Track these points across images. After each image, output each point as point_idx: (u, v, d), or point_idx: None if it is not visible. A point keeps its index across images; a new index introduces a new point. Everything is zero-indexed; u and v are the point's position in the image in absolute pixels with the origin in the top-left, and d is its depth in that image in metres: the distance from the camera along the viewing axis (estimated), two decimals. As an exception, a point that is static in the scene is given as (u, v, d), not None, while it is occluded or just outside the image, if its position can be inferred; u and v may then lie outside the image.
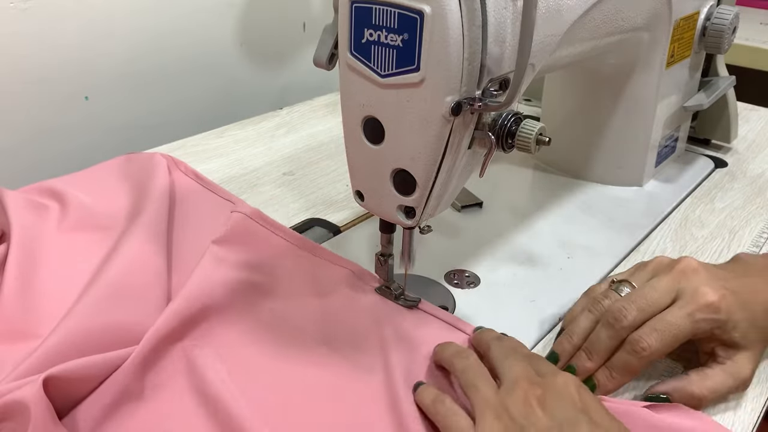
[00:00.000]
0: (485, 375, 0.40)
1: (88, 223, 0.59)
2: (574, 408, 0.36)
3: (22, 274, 0.51)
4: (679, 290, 0.43)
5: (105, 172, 0.68)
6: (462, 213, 0.65)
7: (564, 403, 0.36)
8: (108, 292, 0.48)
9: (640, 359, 0.41)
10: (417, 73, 0.39)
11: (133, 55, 0.82)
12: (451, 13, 0.37)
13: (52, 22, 0.74)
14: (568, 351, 0.45)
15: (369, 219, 0.63)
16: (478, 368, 0.41)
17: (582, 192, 0.69)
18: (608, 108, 0.67)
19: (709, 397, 0.42)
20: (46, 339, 0.42)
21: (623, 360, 0.42)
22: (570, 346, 0.45)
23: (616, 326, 0.42)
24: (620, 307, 0.43)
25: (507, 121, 0.42)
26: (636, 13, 0.57)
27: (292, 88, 1.03)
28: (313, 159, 0.77)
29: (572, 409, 0.36)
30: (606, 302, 0.44)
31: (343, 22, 0.41)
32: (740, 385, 0.43)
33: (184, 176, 0.68)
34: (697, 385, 0.42)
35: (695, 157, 0.77)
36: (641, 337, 0.41)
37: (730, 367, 0.42)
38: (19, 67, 0.73)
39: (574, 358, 0.44)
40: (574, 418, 0.36)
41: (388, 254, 0.50)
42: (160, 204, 0.59)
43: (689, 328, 0.41)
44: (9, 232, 0.55)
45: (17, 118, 0.74)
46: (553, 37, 0.46)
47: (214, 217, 0.60)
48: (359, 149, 0.45)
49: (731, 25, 0.67)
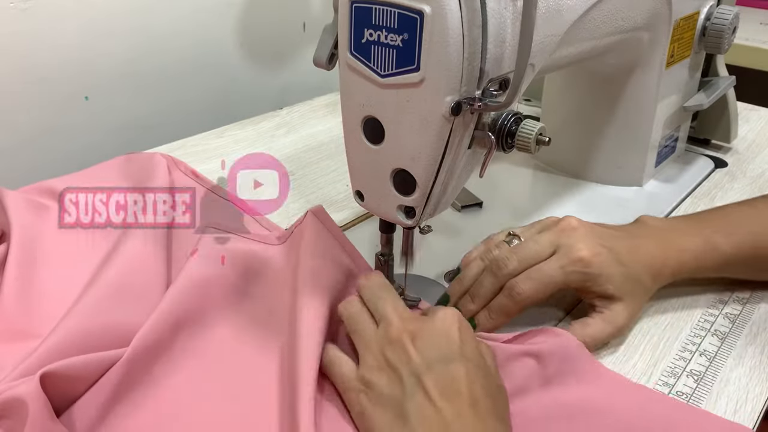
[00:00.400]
0: (366, 319, 0.43)
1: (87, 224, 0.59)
2: (449, 342, 0.39)
3: (22, 274, 0.51)
4: (558, 245, 0.47)
5: (105, 172, 0.68)
6: (462, 213, 0.65)
7: (438, 340, 0.40)
8: (108, 292, 0.48)
9: (515, 303, 0.46)
10: (417, 73, 0.39)
11: (133, 55, 0.82)
12: (451, 13, 0.37)
13: (52, 22, 0.74)
14: (457, 293, 0.49)
15: (369, 219, 0.63)
16: (359, 314, 0.44)
17: (582, 192, 0.69)
18: (608, 108, 0.67)
19: (590, 342, 0.46)
20: (46, 339, 0.42)
21: (500, 303, 0.47)
22: (460, 289, 0.49)
23: (498, 274, 0.47)
24: (504, 257, 0.47)
25: (507, 121, 0.42)
26: (636, 13, 0.57)
27: (292, 88, 1.03)
28: (313, 159, 0.77)
29: (446, 344, 0.39)
30: (495, 252, 0.48)
31: (343, 22, 0.41)
32: (616, 332, 0.47)
33: (184, 176, 0.68)
34: (578, 333, 0.46)
35: (695, 157, 0.77)
36: (517, 283, 0.46)
37: (608, 316, 0.47)
38: (19, 67, 0.73)
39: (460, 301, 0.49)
40: (447, 354, 0.39)
41: (388, 254, 0.50)
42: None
43: (561, 279, 0.46)
44: (9, 232, 0.55)
45: (17, 118, 0.74)
46: (553, 37, 0.46)
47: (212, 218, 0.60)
48: (359, 149, 0.45)
49: (731, 25, 0.67)
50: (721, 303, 0.53)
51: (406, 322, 0.41)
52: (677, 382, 0.45)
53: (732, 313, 0.52)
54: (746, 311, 0.52)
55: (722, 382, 0.46)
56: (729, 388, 0.45)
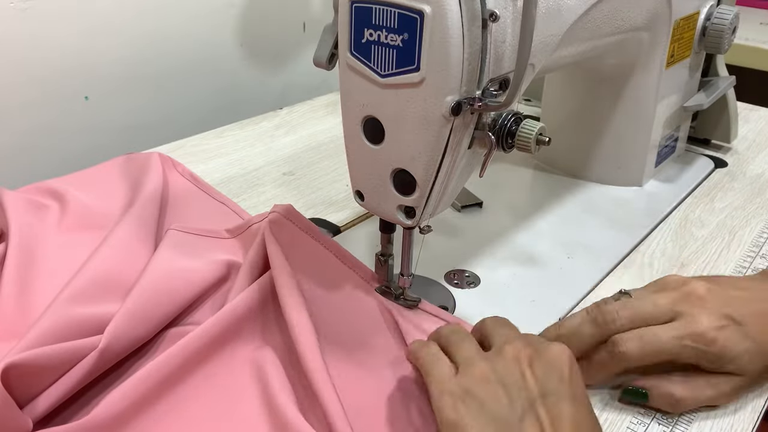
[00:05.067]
0: (442, 360, 0.40)
1: (87, 223, 0.59)
2: (561, 379, 0.36)
3: (20, 275, 0.51)
4: (678, 312, 0.42)
5: (105, 172, 0.68)
6: (462, 213, 0.65)
7: (552, 372, 0.36)
8: (88, 285, 0.48)
9: (614, 360, 0.41)
10: (417, 73, 0.39)
11: (133, 56, 0.82)
12: (451, 13, 0.37)
13: (52, 22, 0.74)
14: (551, 338, 0.44)
15: (369, 219, 0.63)
16: (436, 354, 0.40)
17: (582, 192, 0.69)
18: (608, 108, 0.67)
19: (688, 400, 0.42)
20: (26, 334, 0.42)
21: (600, 357, 0.42)
22: (554, 333, 0.44)
23: (602, 325, 0.42)
24: (612, 310, 0.42)
25: (507, 121, 0.42)
26: (636, 13, 0.57)
27: (292, 88, 1.03)
28: (313, 159, 0.77)
29: (558, 379, 0.36)
30: (603, 306, 0.44)
31: (343, 22, 0.41)
32: (720, 398, 0.42)
33: (181, 177, 0.68)
34: (679, 386, 0.42)
35: (695, 157, 0.77)
36: (623, 339, 0.41)
37: (716, 379, 0.42)
38: (19, 67, 0.73)
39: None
40: (559, 389, 0.36)
41: (388, 254, 0.50)
42: (148, 200, 0.59)
43: (674, 350, 0.41)
44: (8, 233, 0.55)
45: (17, 119, 0.74)
46: (553, 37, 0.46)
47: (206, 219, 0.61)
48: (359, 149, 0.45)
49: (731, 25, 0.67)
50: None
51: (523, 343, 0.38)
52: (677, 382, 0.45)
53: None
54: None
55: (722, 382, 0.45)
56: (729, 388, 0.45)
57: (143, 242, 0.54)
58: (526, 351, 0.37)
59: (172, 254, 0.52)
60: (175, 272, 0.50)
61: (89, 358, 0.42)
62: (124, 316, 0.45)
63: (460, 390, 0.36)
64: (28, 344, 0.41)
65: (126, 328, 0.44)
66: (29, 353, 0.40)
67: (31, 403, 0.40)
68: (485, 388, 0.36)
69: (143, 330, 0.45)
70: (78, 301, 0.46)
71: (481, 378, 0.37)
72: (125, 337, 0.44)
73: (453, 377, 0.38)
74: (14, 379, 0.39)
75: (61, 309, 0.45)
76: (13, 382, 0.39)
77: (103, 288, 0.48)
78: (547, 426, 0.34)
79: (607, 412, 0.43)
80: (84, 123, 0.80)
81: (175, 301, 0.48)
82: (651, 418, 0.43)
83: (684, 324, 0.41)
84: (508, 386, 0.36)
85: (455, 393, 0.36)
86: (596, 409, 0.42)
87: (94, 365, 0.42)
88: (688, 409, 0.43)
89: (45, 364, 0.40)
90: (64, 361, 0.41)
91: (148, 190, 0.61)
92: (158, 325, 0.47)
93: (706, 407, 0.43)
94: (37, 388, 0.41)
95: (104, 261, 0.50)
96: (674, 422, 0.42)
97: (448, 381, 0.37)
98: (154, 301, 0.47)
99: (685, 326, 0.41)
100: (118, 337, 0.43)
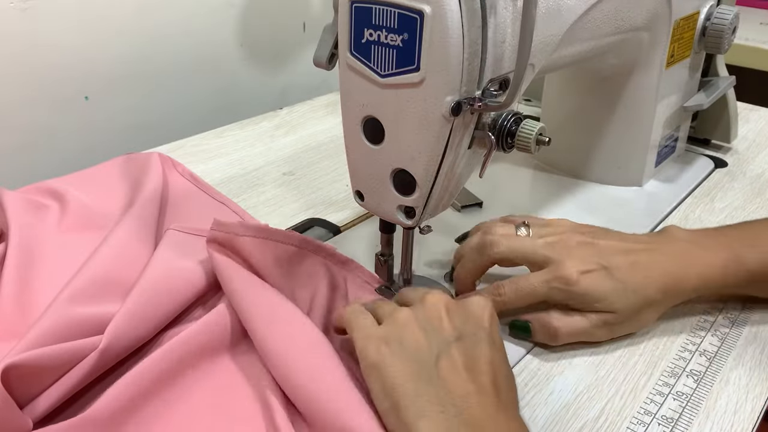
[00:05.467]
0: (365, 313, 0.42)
1: (87, 223, 0.59)
2: (479, 326, 0.40)
3: (20, 275, 0.51)
4: (550, 256, 0.47)
5: (105, 172, 0.68)
6: (462, 213, 0.65)
7: (471, 320, 0.40)
8: (88, 285, 0.48)
9: (497, 304, 0.46)
10: (417, 73, 0.39)
11: (134, 55, 0.82)
12: (451, 13, 0.37)
13: (52, 21, 0.74)
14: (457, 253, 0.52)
15: (369, 219, 0.63)
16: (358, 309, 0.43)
17: (582, 192, 0.69)
18: (608, 108, 0.67)
19: (564, 329, 0.47)
20: (26, 334, 0.42)
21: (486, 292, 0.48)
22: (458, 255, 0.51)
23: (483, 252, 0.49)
24: (498, 240, 0.48)
25: (507, 121, 0.42)
26: (636, 13, 0.57)
27: (292, 88, 1.03)
28: (313, 159, 0.77)
29: (476, 325, 0.40)
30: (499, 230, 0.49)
31: (343, 22, 0.41)
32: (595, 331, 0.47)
33: (181, 177, 0.68)
34: (555, 318, 0.47)
35: (695, 157, 0.77)
36: (502, 284, 0.47)
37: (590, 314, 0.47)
38: (19, 67, 0.73)
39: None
40: (477, 333, 0.39)
41: (388, 254, 0.50)
42: (148, 200, 0.59)
43: (543, 293, 0.46)
44: (7, 233, 0.55)
45: (17, 118, 0.74)
46: (553, 37, 0.46)
47: (206, 219, 0.60)
48: (359, 149, 0.45)
49: (731, 25, 0.67)
50: (721, 302, 0.53)
51: (444, 295, 0.42)
52: (677, 382, 0.45)
53: (732, 313, 0.52)
54: (746, 311, 0.52)
55: (722, 382, 0.46)
56: (729, 388, 0.45)
57: (143, 242, 0.54)
58: (447, 300, 0.41)
59: (172, 254, 0.52)
60: (175, 272, 0.50)
61: (89, 358, 0.42)
62: (124, 316, 0.45)
63: (383, 333, 0.40)
64: (28, 344, 0.41)
65: (126, 328, 0.44)
66: (29, 353, 0.40)
67: (31, 403, 0.40)
68: (406, 331, 0.39)
69: (143, 330, 0.45)
70: (78, 301, 0.46)
71: (403, 323, 0.40)
72: (125, 337, 0.44)
73: (376, 325, 0.41)
74: (14, 379, 0.39)
75: (61, 309, 0.45)
76: (13, 383, 0.39)
77: (103, 288, 0.48)
78: (460, 365, 0.37)
79: (607, 413, 0.43)
80: (84, 123, 0.80)
81: (175, 301, 0.48)
82: (651, 417, 0.43)
83: (552, 268, 0.47)
84: (427, 330, 0.39)
85: (379, 336, 0.40)
86: (595, 410, 0.43)
87: (95, 365, 0.42)
88: (565, 341, 0.47)
89: (45, 365, 0.40)
90: (65, 361, 0.41)
91: (148, 190, 0.61)
92: (158, 325, 0.47)
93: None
94: (37, 389, 0.41)
95: (104, 261, 0.50)
96: (674, 422, 0.42)
97: (371, 327, 0.41)
98: (154, 301, 0.47)
99: (553, 270, 0.46)
100: (118, 337, 0.43)
